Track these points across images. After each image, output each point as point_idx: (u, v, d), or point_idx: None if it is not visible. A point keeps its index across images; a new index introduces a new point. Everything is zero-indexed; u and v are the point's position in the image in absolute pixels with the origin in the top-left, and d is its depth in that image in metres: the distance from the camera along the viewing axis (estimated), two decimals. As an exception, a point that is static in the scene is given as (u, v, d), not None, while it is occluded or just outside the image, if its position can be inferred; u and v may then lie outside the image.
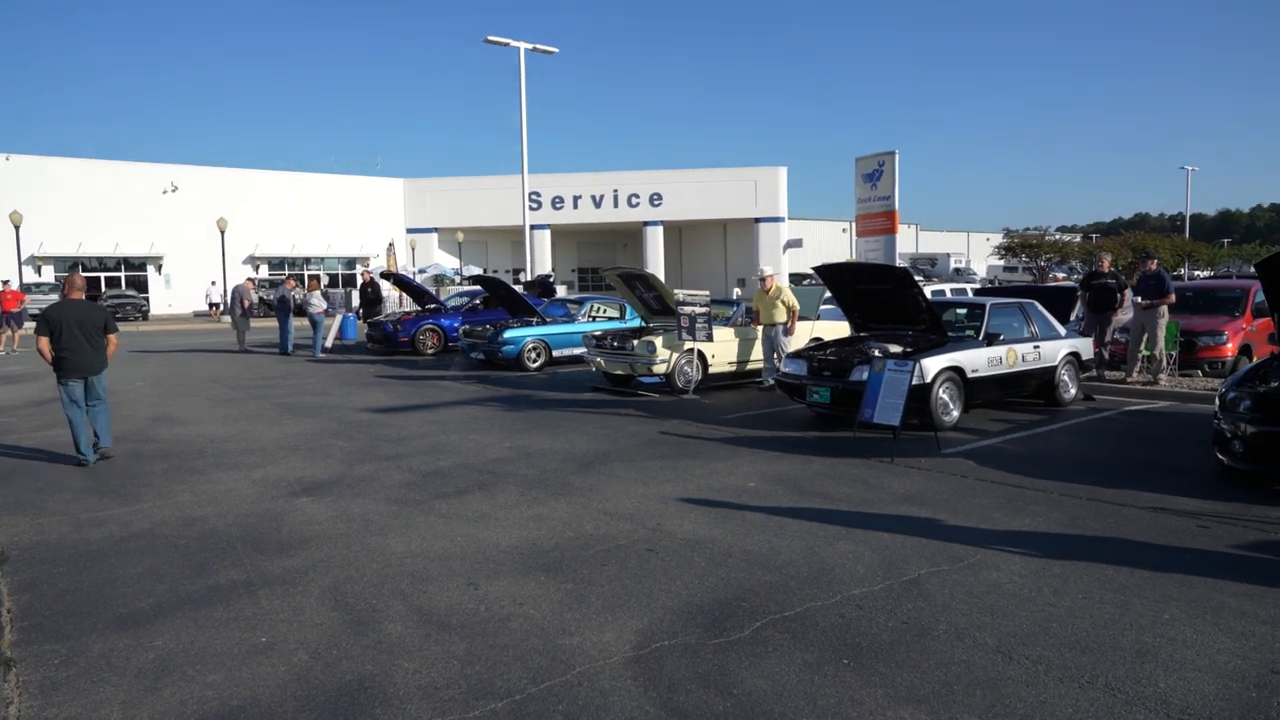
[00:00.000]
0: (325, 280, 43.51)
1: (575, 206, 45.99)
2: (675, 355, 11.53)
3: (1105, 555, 4.90)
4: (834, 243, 56.85)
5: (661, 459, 7.60)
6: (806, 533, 5.39)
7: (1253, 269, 7.74)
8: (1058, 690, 3.33)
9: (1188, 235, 62.29)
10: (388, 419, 10.04)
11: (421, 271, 39.34)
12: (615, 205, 46.16)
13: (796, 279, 40.87)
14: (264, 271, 42.69)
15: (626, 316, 16.00)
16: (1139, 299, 11.44)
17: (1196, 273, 49.21)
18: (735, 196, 46.34)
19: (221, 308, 37.53)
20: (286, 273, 38.29)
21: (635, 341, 11.79)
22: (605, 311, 16.46)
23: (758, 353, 12.20)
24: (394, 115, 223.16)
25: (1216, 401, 6.77)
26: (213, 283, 37.52)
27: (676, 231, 51.82)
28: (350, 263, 45.97)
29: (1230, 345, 12.10)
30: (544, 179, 43.54)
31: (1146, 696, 3.28)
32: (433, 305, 19.92)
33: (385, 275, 23.01)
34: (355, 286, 40.52)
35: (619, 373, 12.20)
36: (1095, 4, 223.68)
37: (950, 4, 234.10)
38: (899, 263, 20.91)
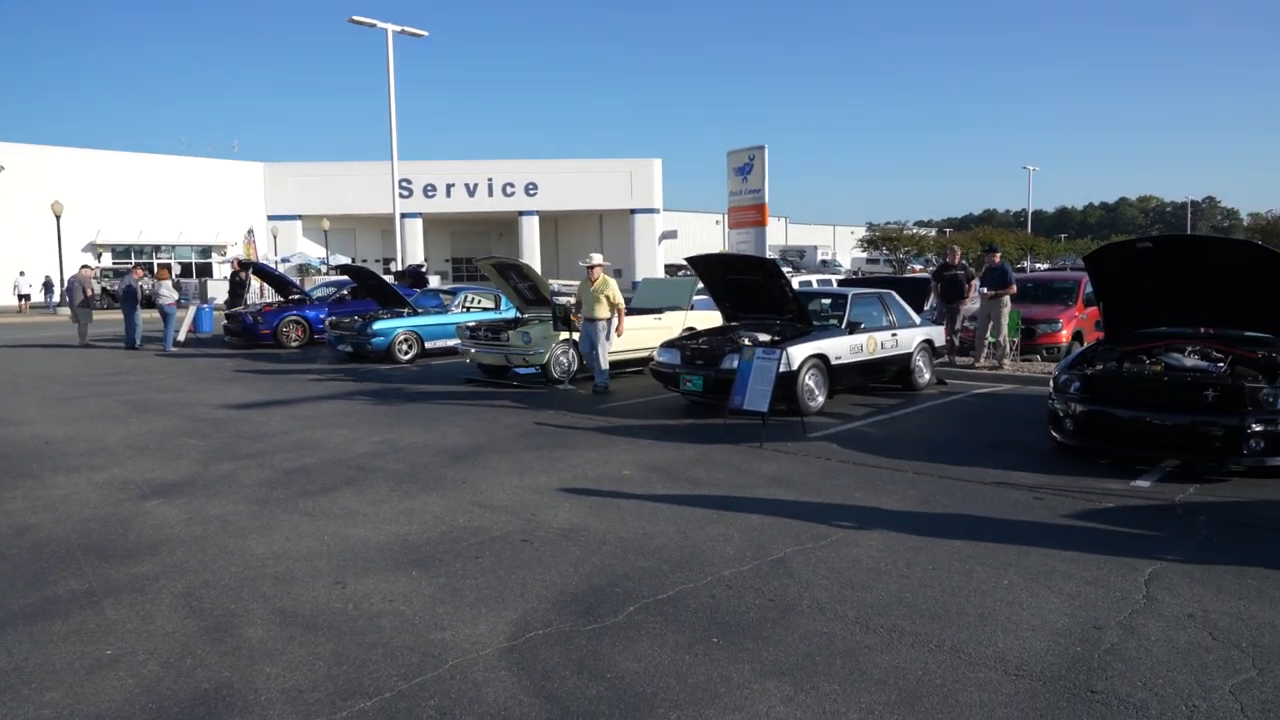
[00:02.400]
0: (177, 269, 40.89)
1: (448, 195, 45.02)
2: (551, 346, 11.49)
3: (954, 529, 5.24)
4: (708, 235, 58.00)
5: (537, 450, 7.58)
6: (679, 518, 5.50)
7: (1082, 262, 8.44)
8: (909, 655, 3.55)
9: (1030, 230, 67.13)
10: (248, 415, 9.56)
11: (285, 261, 37.59)
12: (490, 194, 45.50)
13: (672, 270, 41.50)
14: (107, 260, 39.69)
15: (501, 307, 15.81)
16: (985, 289, 12.26)
17: (1037, 265, 53.06)
18: (611, 187, 46.54)
19: (31, 300, 34.69)
20: (133, 261, 35.71)
21: (510, 332, 11.69)
22: (479, 302, 16.21)
23: (635, 342, 12.31)
24: (253, 97, 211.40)
25: (1050, 384, 7.34)
26: (21, 273, 34.57)
27: (552, 221, 51.59)
28: (205, 251, 43.38)
29: (1065, 332, 13.15)
30: (415, 166, 42.38)
31: (987, 656, 3.54)
32: (296, 296, 19.08)
33: (244, 264, 21.85)
34: (213, 276, 38.28)
35: (494, 364, 12.07)
36: (947, 9, 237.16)
37: (818, 4, 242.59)
38: (769, 254, 21.55)
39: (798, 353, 8.82)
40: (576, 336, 11.17)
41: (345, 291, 18.46)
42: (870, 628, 3.83)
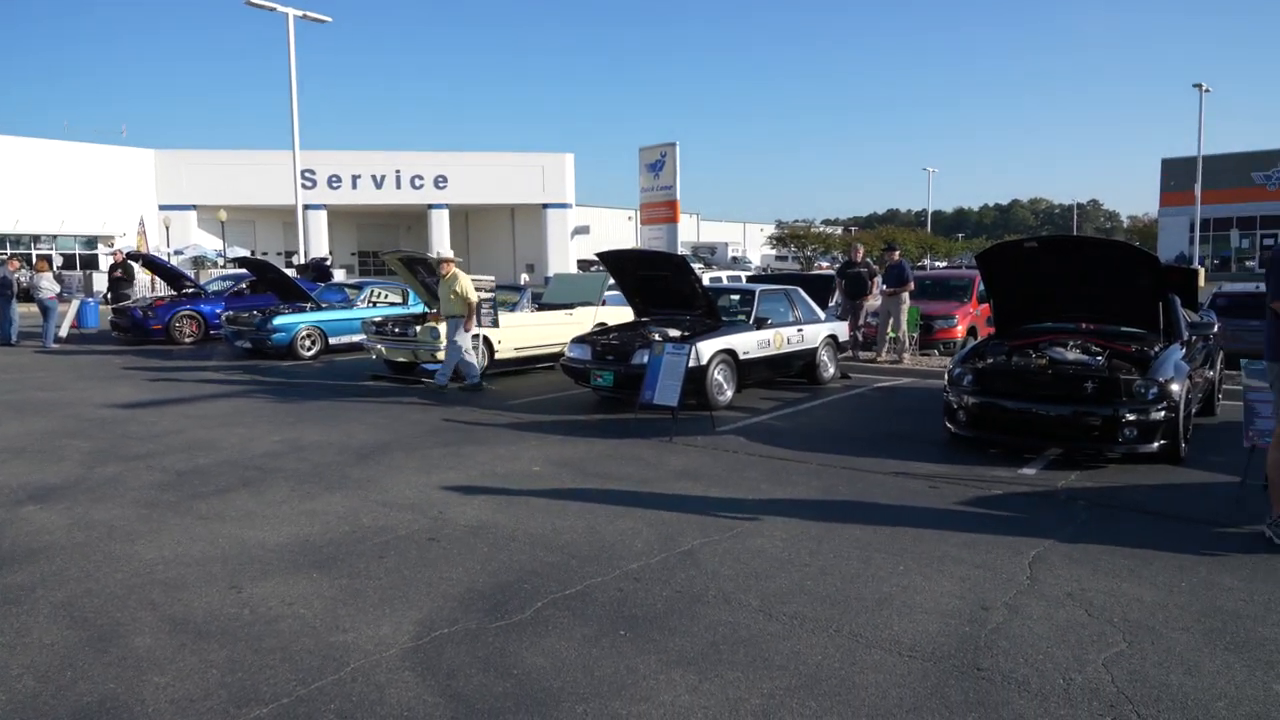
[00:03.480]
0: (59, 261, 38.54)
1: (354, 186, 43.78)
2: (460, 341, 11.31)
3: (855, 517, 5.42)
4: (621, 230, 58.10)
5: (445, 446, 7.47)
6: (588, 513, 5.52)
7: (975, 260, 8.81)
8: (810, 640, 3.66)
9: (930, 230, 69.72)
10: (137, 415, 9.10)
11: (178, 253, 35.90)
12: (398, 186, 44.45)
13: (584, 265, 41.46)
14: (-24, 250, 37.02)
15: (409, 302, 15.50)
16: (885, 286, 12.68)
17: (936, 263, 55.18)
18: (523, 182, 46.13)
19: None
20: (9, 252, 33.44)
21: (418, 327, 11.47)
22: (386, 297, 15.85)
23: (546, 338, 12.25)
24: (142, 81, 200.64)
25: (945, 377, 7.66)
26: None
27: (463, 215, 50.79)
28: (91, 242, 41.00)
29: (960, 327, 13.73)
30: (320, 156, 41.03)
31: (883, 639, 3.68)
32: (190, 289, 18.24)
33: (133, 256, 20.73)
34: (98, 268, 36.20)
35: (401, 360, 11.82)
36: (852, 16, 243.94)
37: (729, 5, 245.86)
38: (681, 251, 21.73)
39: (707, 348, 8.94)
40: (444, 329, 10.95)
41: (243, 285, 17.76)
42: (773, 615, 3.92)
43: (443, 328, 11.22)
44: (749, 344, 9.62)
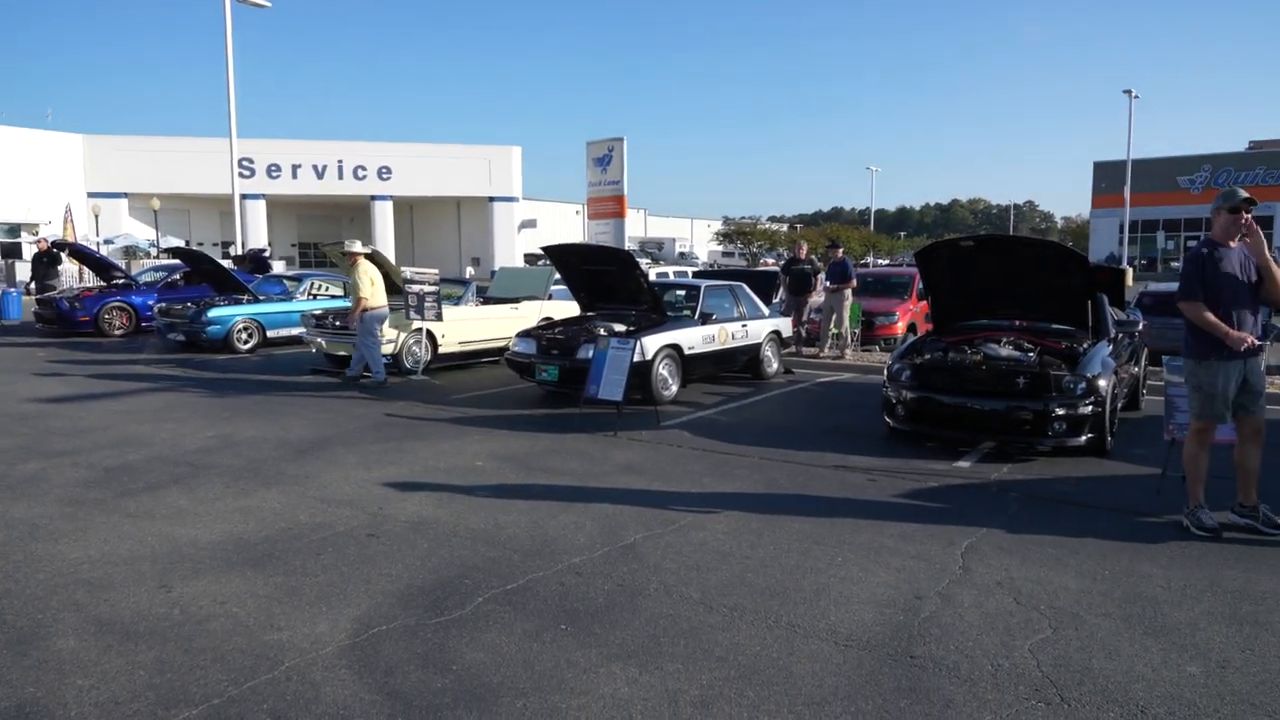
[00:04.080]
0: (-21, 250, 36.89)
1: (295, 176, 42.74)
2: (403, 335, 11.18)
3: (795, 510, 5.50)
4: (568, 224, 57.89)
5: (386, 442, 7.36)
6: (531, 508, 5.50)
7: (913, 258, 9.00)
8: (749, 631, 3.71)
9: (873, 228, 70.92)
10: (61, 410, 8.77)
11: (108, 242, 34.67)
12: (340, 177, 43.54)
13: (531, 259, 41.18)
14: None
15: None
16: (828, 283, 12.88)
17: (879, 261, 56.17)
18: (469, 174, 45.57)
19: None
20: (-76, 239, 31.93)
21: (360, 321, 11.26)
22: (327, 289, 15.53)
23: (490, 332, 12.15)
24: (71, 63, 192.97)
25: (885, 373, 7.81)
26: None
27: (407, 207, 50.00)
28: (13, 230, 39.28)
29: (901, 324, 14.02)
30: (258, 144, 40.00)
31: (820, 629, 3.75)
32: (120, 280, 17.62)
33: (59, 245, 19.95)
34: (21, 257, 34.75)
35: (343, 354, 11.59)
36: (801, 15, 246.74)
37: (681, 3, 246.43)
38: (628, 246, 21.74)
39: (652, 343, 8.96)
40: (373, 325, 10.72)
41: (177, 276, 17.23)
42: (713, 607, 3.96)
43: (385, 321, 11.05)
44: (694, 339, 9.67)
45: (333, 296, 15.35)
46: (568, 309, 12.09)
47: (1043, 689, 3.23)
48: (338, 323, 11.53)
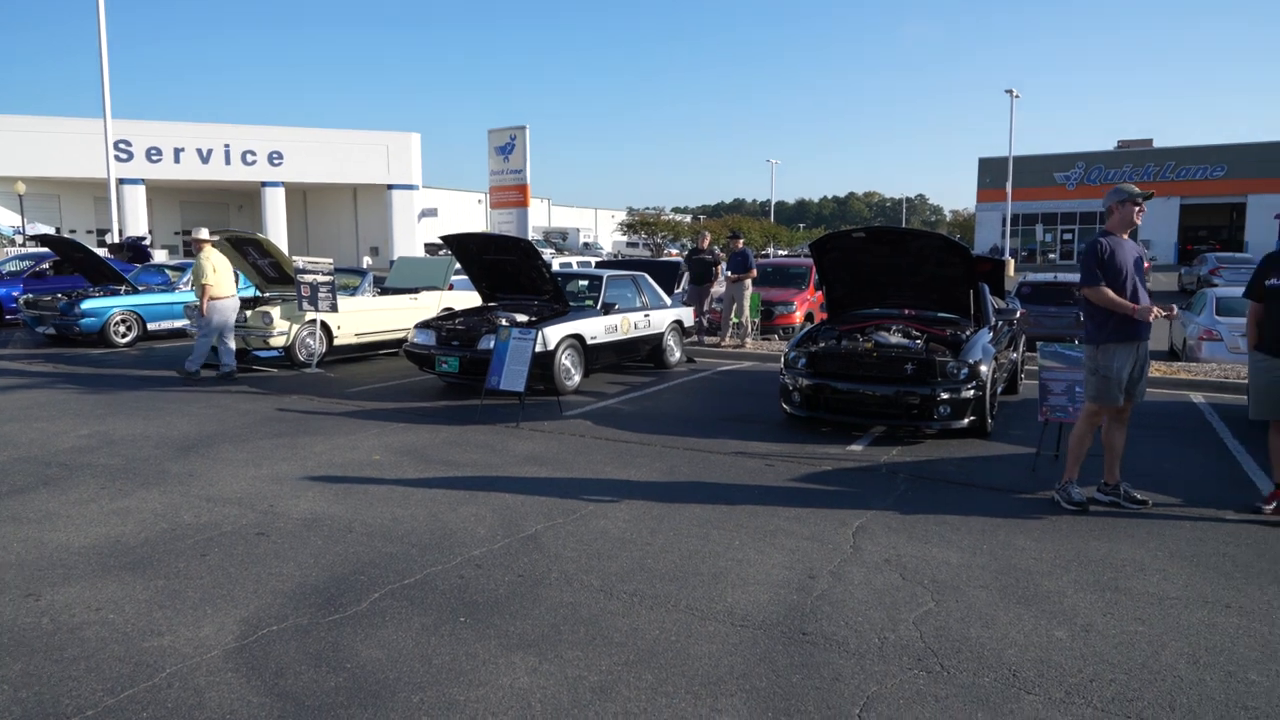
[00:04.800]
0: None
1: (177, 160, 40.55)
2: (295, 326, 10.79)
3: (695, 496, 5.59)
4: (471, 213, 56.90)
5: (278, 437, 7.11)
6: (431, 501, 5.41)
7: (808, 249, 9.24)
8: (648, 616, 3.76)
9: (773, 219, 72.41)
10: (-86, 409, 8.11)
11: (-34, 229, 32.15)
12: (227, 162, 41.54)
13: (433, 249, 40.33)
14: None
15: (239, 285, 14.57)
16: (729, 273, 13.10)
17: (779, 251, 57.41)
18: (366, 161, 44.21)
19: None
20: None
21: (249, 312, 10.83)
22: (214, 279, 14.80)
23: (388, 323, 11.86)
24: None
25: (782, 360, 8.01)
26: None
27: (300, 195, 48.17)
28: None
29: (798, 313, 14.40)
30: (137, 126, 37.77)
31: (718, 611, 3.83)
32: (-19, 270, 16.38)
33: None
34: None
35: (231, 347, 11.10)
36: (704, 6, 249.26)
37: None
38: (532, 236, 21.52)
39: (554, 333, 8.93)
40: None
41: (45, 265, 16.13)
42: (614, 594, 4.00)
43: (276, 312, 10.65)
44: (596, 329, 9.69)
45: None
46: (469, 299, 11.92)
47: (925, 658, 3.39)
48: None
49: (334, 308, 10.74)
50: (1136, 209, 5.26)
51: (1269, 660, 3.40)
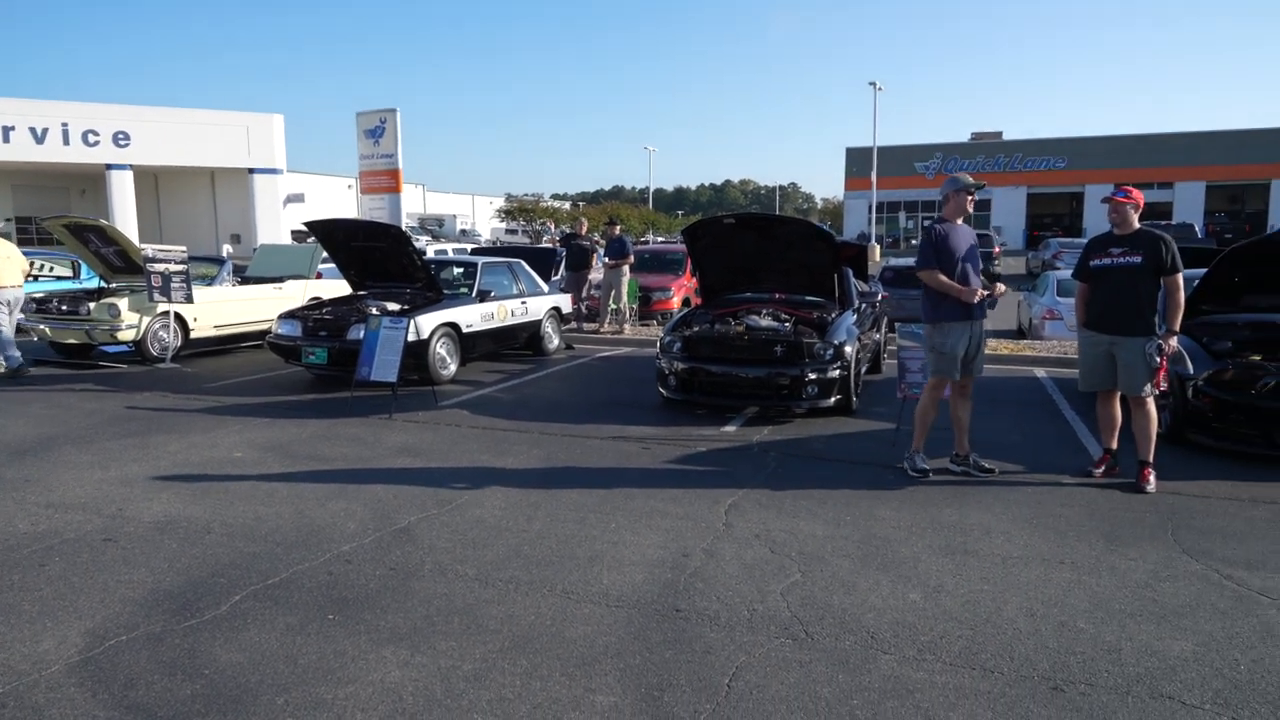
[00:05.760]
0: None
1: (6, 140, 37.11)
2: (146, 319, 10.13)
3: (572, 481, 5.61)
4: (340, 199, 54.69)
5: (127, 437, 6.67)
6: (297, 497, 5.21)
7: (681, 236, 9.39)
8: (524, 603, 3.76)
9: (652, 206, 73.09)
10: None
11: None
12: (66, 142, 38.32)
13: (300, 236, 38.59)
14: None
15: (82, 275, 13.56)
16: (607, 259, 13.15)
17: (657, 239, 58.01)
18: (225, 143, 41.73)
19: None
20: None
21: (93, 305, 10.07)
22: (52, 270, 13.74)
23: (251, 314, 11.30)
24: None
25: (658, 345, 8.12)
26: None
27: (151, 178, 45.05)
28: None
29: (675, 299, 14.61)
30: (-45, 102, 34.31)
31: (593, 593, 3.87)
32: None
33: None
34: None
35: (73, 342, 10.34)
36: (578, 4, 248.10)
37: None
38: (406, 222, 20.95)
39: (427, 321, 8.74)
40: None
41: None
42: (489, 582, 3.97)
43: (123, 304, 9.97)
44: (472, 317, 9.54)
45: (58, 278, 13.61)
46: (338, 289, 11.49)
47: (791, 627, 3.54)
48: (64, 307, 10.24)
49: (189, 298, 10.14)
50: (969, 198, 5.64)
51: (1096, 609, 3.73)
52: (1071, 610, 3.71)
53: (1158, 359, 5.32)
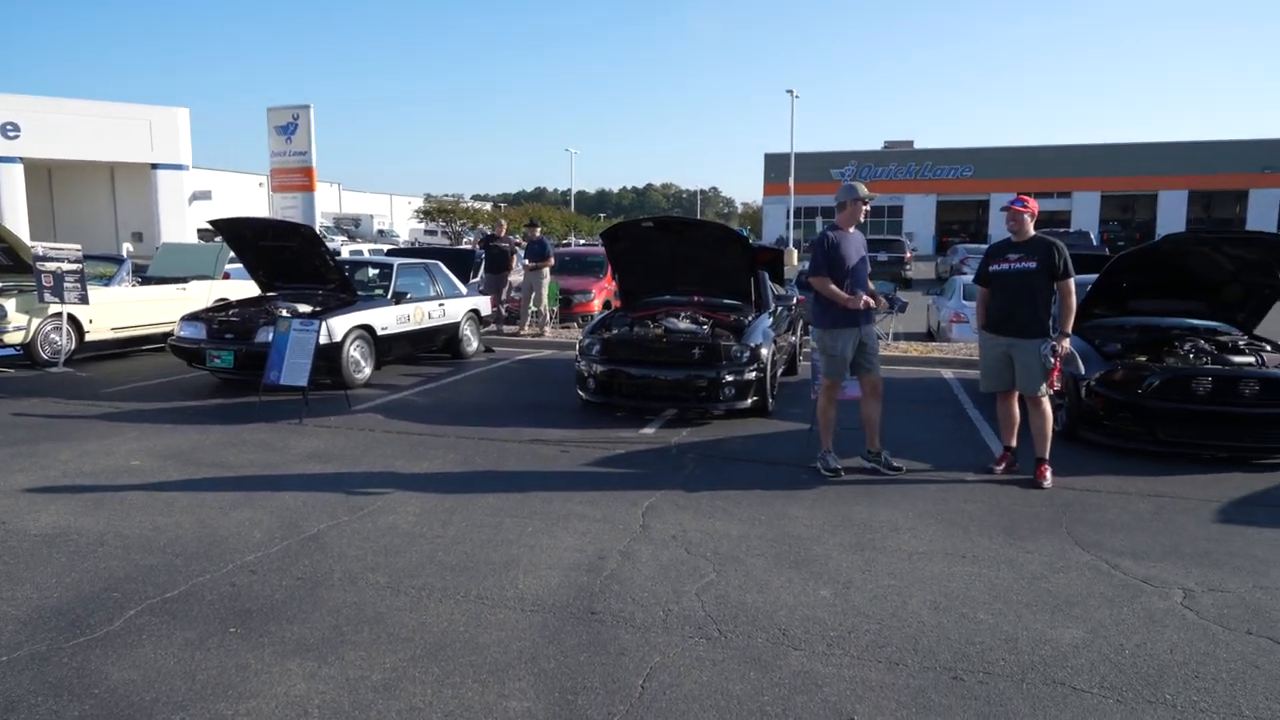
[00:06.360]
0: None
1: (-122, 129, 34.62)
2: (36, 321, 9.59)
3: (489, 486, 5.55)
4: (251, 197, 52.75)
5: (13, 445, 6.30)
6: (199, 506, 5.01)
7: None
8: (436, 610, 3.70)
9: (573, 208, 72.94)
10: None
11: None
12: (-53, 133, 35.98)
13: (208, 235, 37.10)
14: None
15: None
16: (527, 261, 13.07)
17: (579, 241, 57.93)
18: (126, 137, 39.68)
19: None
20: None
21: (-24, 305, 9.48)
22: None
23: (152, 315, 10.81)
24: None
25: (577, 348, 8.11)
26: None
27: (44, 173, 42.58)
28: None
29: (596, 301, 14.60)
30: None
31: (508, 598, 3.83)
32: None
33: None
34: None
35: (-48, 345, 9.70)
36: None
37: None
38: (321, 222, 20.36)
39: (340, 324, 8.52)
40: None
41: None
42: (401, 590, 3.90)
43: (10, 304, 9.42)
44: (387, 319, 9.34)
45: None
46: (247, 289, 11.10)
47: (705, 626, 3.58)
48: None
49: (84, 299, 9.64)
50: (863, 207, 5.84)
51: (995, 600, 3.88)
52: (972, 602, 3.86)
53: (1052, 360, 5.58)
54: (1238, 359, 6.51)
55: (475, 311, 11.33)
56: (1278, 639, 3.52)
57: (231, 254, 11.27)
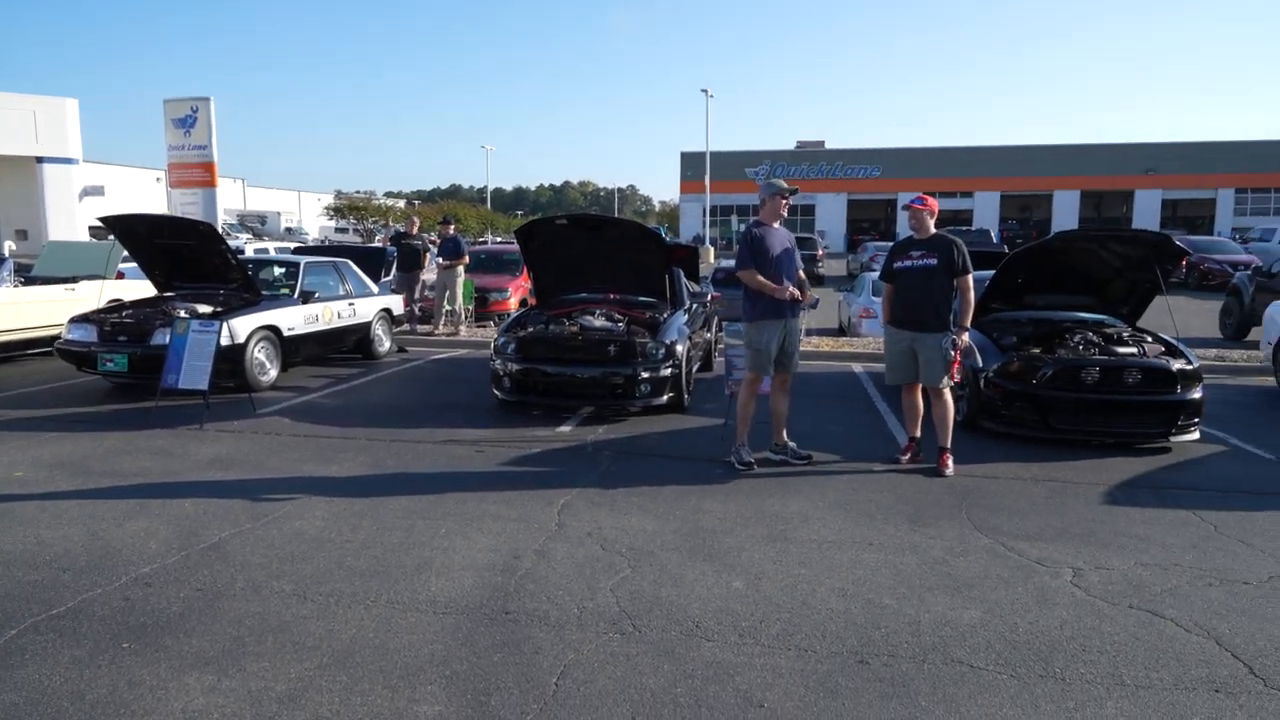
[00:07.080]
0: None
1: None
2: (-94, 325, 8.93)
3: (401, 488, 5.44)
4: (148, 193, 50.37)
5: (-121, 458, 5.86)
6: (90, 518, 4.76)
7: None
8: (345, 616, 3.61)
9: (490, 206, 72.11)
10: None
11: None
12: None
13: (100, 233, 35.23)
14: None
15: None
16: (440, 259, 12.86)
17: (496, 239, 57.31)
18: (7, 128, 37.50)
19: None
20: None
21: None
22: None
23: (37, 317, 10.20)
24: None
25: (491, 346, 8.02)
26: None
27: (-84, 166, 39.80)
28: None
29: (513, 299, 14.47)
30: None
31: (420, 601, 3.77)
32: None
33: None
34: None
35: None
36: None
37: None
38: (224, 219, 19.58)
39: (243, 324, 8.22)
40: None
41: None
42: (307, 597, 3.79)
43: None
44: (294, 319, 9.06)
45: None
46: (143, 289, 10.59)
47: (619, 622, 3.59)
48: None
49: (-41, 301, 9.03)
50: (784, 201, 5.97)
51: (899, 585, 4.02)
52: (878, 588, 3.98)
53: (952, 353, 5.80)
54: (1122, 350, 6.90)
55: (387, 311, 11.09)
56: (1157, 612, 3.75)
57: (125, 253, 10.73)
